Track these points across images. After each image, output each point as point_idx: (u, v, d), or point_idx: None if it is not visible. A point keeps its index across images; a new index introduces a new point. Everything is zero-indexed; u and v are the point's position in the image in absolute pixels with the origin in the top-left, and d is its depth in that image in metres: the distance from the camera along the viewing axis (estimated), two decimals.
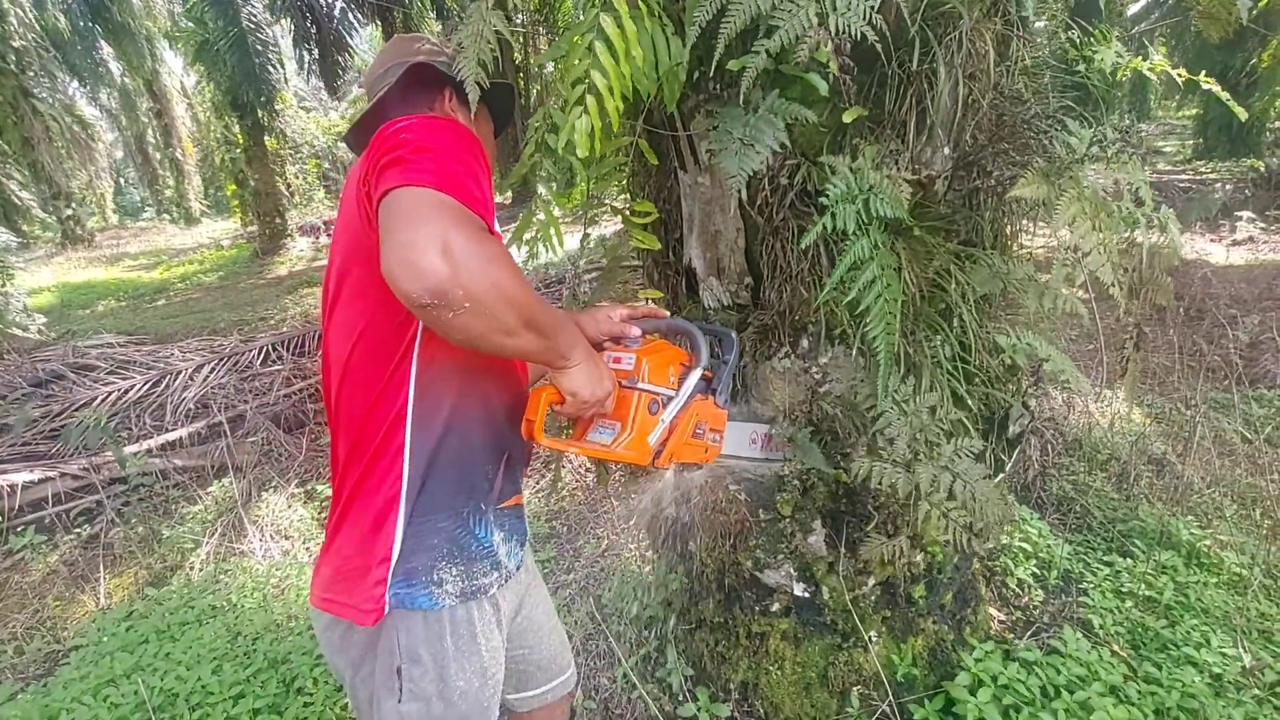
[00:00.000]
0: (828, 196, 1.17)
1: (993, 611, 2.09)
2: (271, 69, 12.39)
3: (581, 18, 0.94)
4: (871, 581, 1.68)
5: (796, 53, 1.05)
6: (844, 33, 1.02)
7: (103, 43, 15.13)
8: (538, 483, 3.22)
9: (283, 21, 12.42)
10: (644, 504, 2.02)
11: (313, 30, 12.24)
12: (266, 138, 13.60)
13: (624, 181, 1.78)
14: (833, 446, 1.58)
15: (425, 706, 1.00)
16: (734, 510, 1.72)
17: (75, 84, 17.28)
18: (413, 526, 0.96)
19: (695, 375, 1.14)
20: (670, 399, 1.12)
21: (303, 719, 1.88)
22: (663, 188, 1.64)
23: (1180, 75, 1.38)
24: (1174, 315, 4.17)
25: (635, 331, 1.16)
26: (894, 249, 1.36)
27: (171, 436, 3.78)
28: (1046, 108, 1.36)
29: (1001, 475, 1.77)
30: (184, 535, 3.07)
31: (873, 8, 1.03)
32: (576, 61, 0.87)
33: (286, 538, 3.05)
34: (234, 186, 14.52)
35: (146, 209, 25.02)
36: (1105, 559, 2.20)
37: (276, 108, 13.59)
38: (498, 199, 13.28)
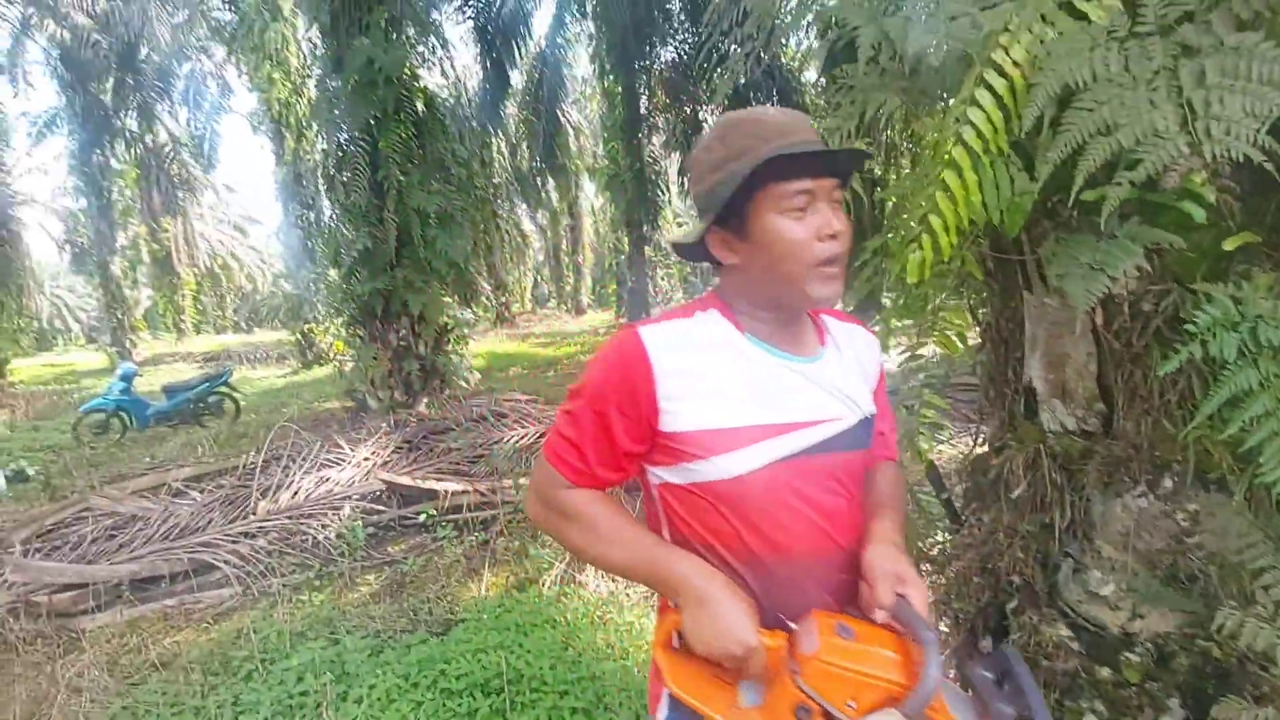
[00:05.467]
0: (1196, 323, 1.11)
1: None
2: (660, 192, 15.07)
3: (931, 159, 1.11)
4: None
5: (1164, 181, 1.06)
6: (1222, 158, 1.00)
7: (547, 177, 20.21)
8: None
9: (672, 155, 15.08)
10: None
11: None
12: (645, 248, 16.35)
13: (968, 299, 1.84)
14: (1202, 613, 1.34)
15: None
16: (1063, 658, 1.54)
17: (523, 206, 23.17)
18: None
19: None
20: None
21: None
22: (1006, 306, 1.66)
23: None
24: None
25: (881, 610, 0.92)
26: None
27: None
28: None
29: None
30: (543, 556, 3.80)
31: (1259, 129, 0.99)
32: (921, 204, 1.05)
33: (614, 581, 3.55)
34: (614, 286, 17.68)
35: (551, 299, 31.69)
36: None
37: (657, 224, 16.33)
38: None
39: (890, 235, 1.07)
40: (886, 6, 1.47)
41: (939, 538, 2.10)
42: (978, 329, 1.78)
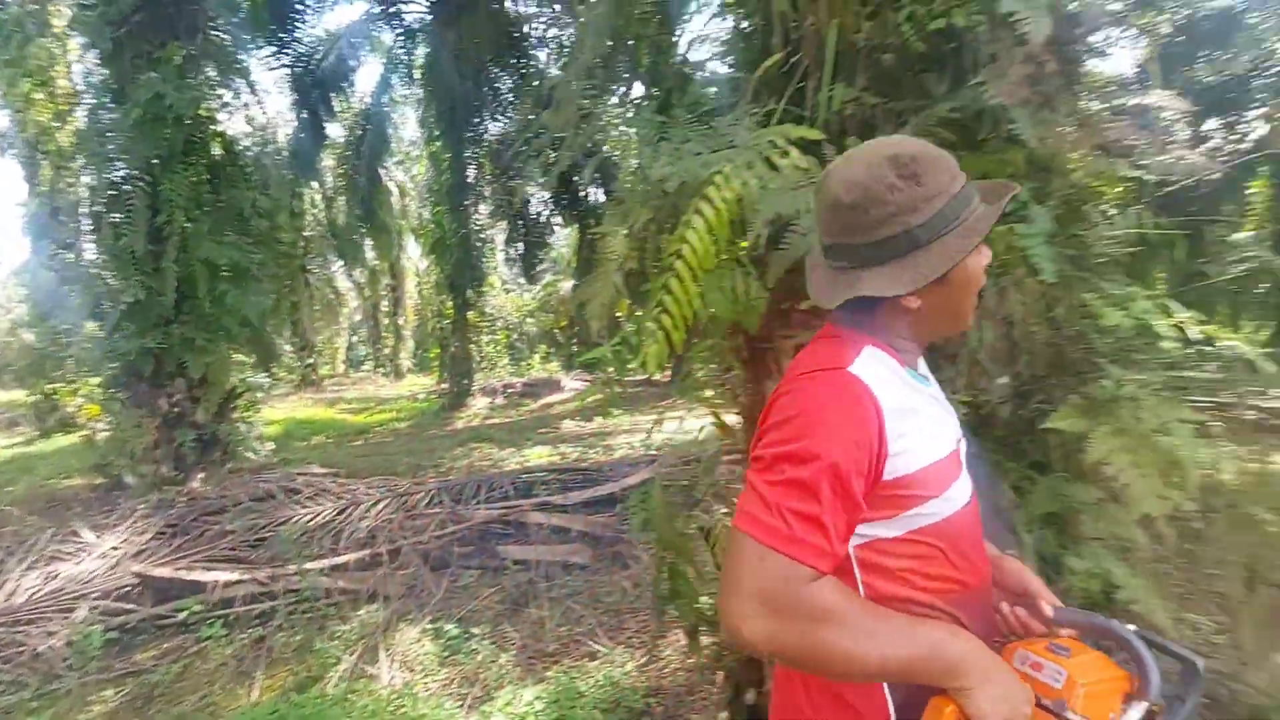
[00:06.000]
0: None
1: None
2: (484, 259, 15.10)
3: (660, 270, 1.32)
4: None
5: None
6: None
7: (366, 235, 19.34)
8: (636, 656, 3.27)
9: (499, 224, 15.27)
10: None
11: (521, 230, 14.85)
12: (470, 313, 16.14)
13: (722, 388, 2.10)
14: None
15: None
16: None
17: (339, 263, 21.85)
18: None
19: (1139, 714, 0.84)
20: None
21: None
22: (756, 393, 1.92)
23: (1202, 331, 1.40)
24: None
25: (1048, 611, 0.96)
26: None
27: (340, 560, 4.36)
28: (1107, 345, 1.50)
29: None
30: (329, 650, 3.46)
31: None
32: (655, 307, 1.24)
33: (410, 670, 3.33)
34: (437, 350, 17.13)
35: (367, 362, 29.72)
36: None
37: (482, 290, 16.24)
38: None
39: (634, 329, 1.24)
40: (656, 135, 1.72)
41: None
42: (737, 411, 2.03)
